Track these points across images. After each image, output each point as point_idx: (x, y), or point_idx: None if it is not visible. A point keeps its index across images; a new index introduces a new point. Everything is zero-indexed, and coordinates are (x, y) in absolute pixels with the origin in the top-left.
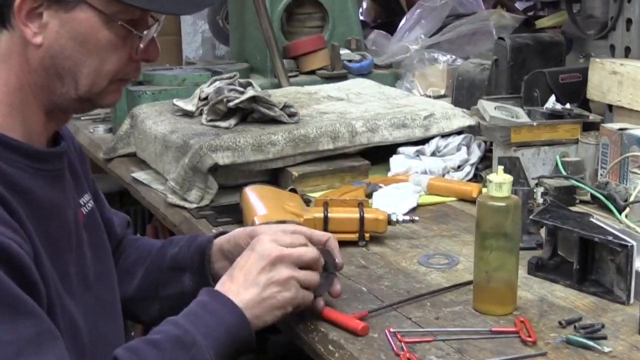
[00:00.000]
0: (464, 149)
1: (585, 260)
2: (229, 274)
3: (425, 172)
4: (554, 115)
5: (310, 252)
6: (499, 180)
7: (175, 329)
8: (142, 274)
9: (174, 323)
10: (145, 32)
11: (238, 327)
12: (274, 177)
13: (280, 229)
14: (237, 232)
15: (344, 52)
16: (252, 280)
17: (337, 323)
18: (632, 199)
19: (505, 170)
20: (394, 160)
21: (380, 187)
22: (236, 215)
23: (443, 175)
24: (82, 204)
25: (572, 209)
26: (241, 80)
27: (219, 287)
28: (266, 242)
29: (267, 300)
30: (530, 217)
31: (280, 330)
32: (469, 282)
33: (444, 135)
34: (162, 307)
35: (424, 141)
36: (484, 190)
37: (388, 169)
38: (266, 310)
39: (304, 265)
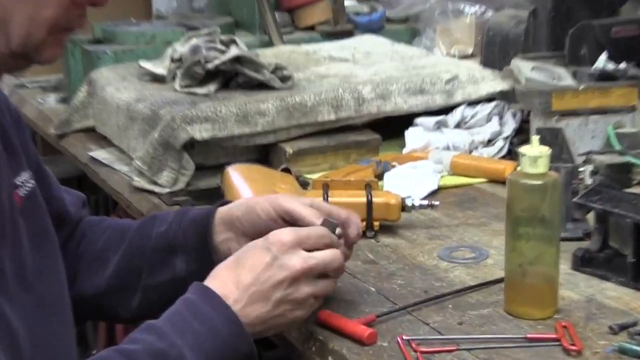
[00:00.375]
0: (495, 119)
1: None
2: (234, 270)
3: (447, 148)
4: (605, 77)
5: (337, 261)
6: (534, 153)
7: (159, 341)
8: (117, 260)
9: (158, 332)
10: None
11: (236, 343)
12: (264, 154)
13: (303, 202)
14: (251, 198)
15: (349, 3)
16: (264, 294)
17: (339, 329)
18: None
19: (545, 144)
20: (410, 133)
21: (394, 166)
22: (217, 201)
23: (470, 152)
24: (19, 184)
25: (627, 190)
26: (223, 38)
27: (217, 284)
28: (289, 247)
29: (275, 319)
30: (575, 199)
31: (274, 343)
32: (500, 280)
33: (471, 103)
34: (146, 298)
35: (447, 110)
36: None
37: (403, 145)
38: (271, 327)
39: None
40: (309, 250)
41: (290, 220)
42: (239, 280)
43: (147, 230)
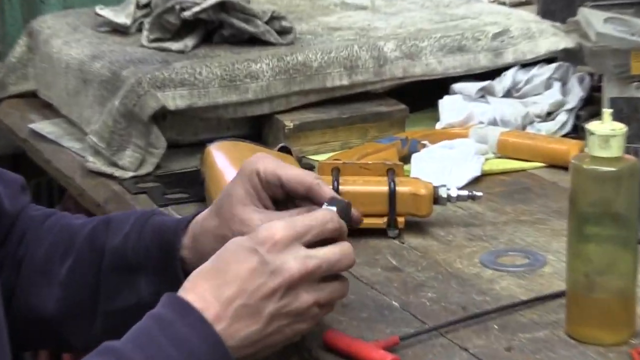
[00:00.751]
0: (556, 85)
1: None
2: (213, 277)
3: (494, 123)
4: None
5: (347, 258)
6: (605, 131)
7: None
8: (64, 275)
9: (119, 356)
10: None
11: None
12: (256, 129)
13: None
14: (226, 187)
15: None
16: (253, 308)
17: (352, 355)
18: None
19: (621, 119)
20: (445, 103)
21: (424, 145)
22: (195, 188)
23: (523, 128)
24: None
25: None
26: None
27: (193, 297)
28: (283, 246)
29: (269, 337)
30: None
31: None
32: (560, 294)
33: (525, 65)
34: (109, 325)
35: (494, 74)
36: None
37: (436, 118)
38: (264, 347)
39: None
40: (311, 245)
41: (285, 194)
42: (220, 291)
43: (99, 242)
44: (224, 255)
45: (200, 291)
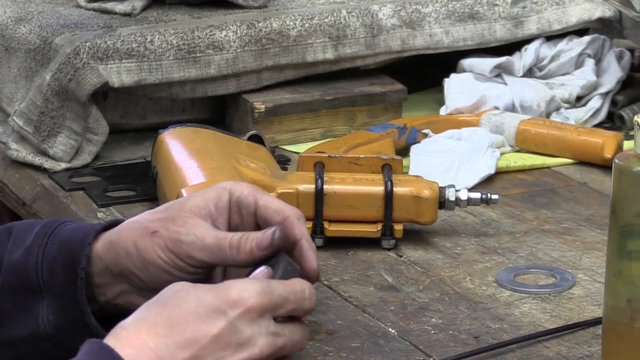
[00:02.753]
0: (589, 63)
1: None
2: (161, 332)
3: (512, 109)
4: None
5: (304, 340)
6: None
7: None
8: None
9: None
10: None
11: None
12: (218, 112)
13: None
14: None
15: None
16: (198, 350)
17: None
18: None
19: None
20: (452, 83)
21: (426, 134)
22: (144, 184)
23: (548, 116)
24: None
25: None
26: None
27: (131, 354)
28: (257, 315)
29: None
30: None
31: None
32: (596, 322)
33: (552, 37)
34: None
35: (512, 48)
36: (627, 144)
37: (440, 101)
38: None
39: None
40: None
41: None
42: (170, 354)
43: None
44: (180, 306)
45: (144, 348)
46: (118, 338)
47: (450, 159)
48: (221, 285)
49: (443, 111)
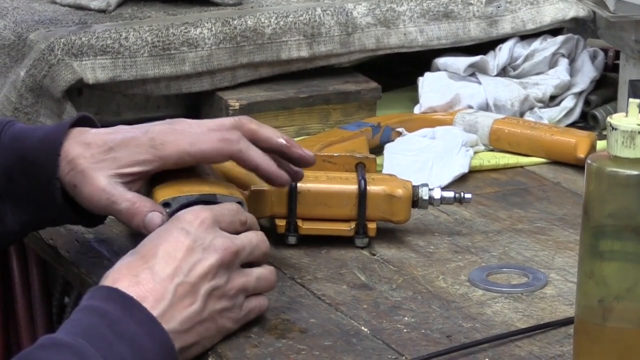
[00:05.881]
0: (563, 63)
1: None
2: (143, 262)
3: (486, 108)
4: None
5: (264, 243)
6: (632, 126)
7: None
8: None
9: (74, 351)
10: None
11: None
12: (194, 109)
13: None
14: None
15: None
16: (191, 286)
17: None
18: None
19: None
20: (426, 82)
21: (400, 133)
22: None
23: (521, 115)
24: None
25: None
26: None
27: (127, 284)
28: (209, 226)
29: (205, 323)
30: None
31: None
32: (567, 321)
33: (526, 37)
34: None
35: (487, 47)
36: (601, 144)
37: (414, 100)
38: (199, 337)
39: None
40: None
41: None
42: (154, 272)
43: None
44: (148, 242)
45: (134, 277)
46: (110, 278)
47: (423, 158)
48: (178, 214)
49: (417, 110)
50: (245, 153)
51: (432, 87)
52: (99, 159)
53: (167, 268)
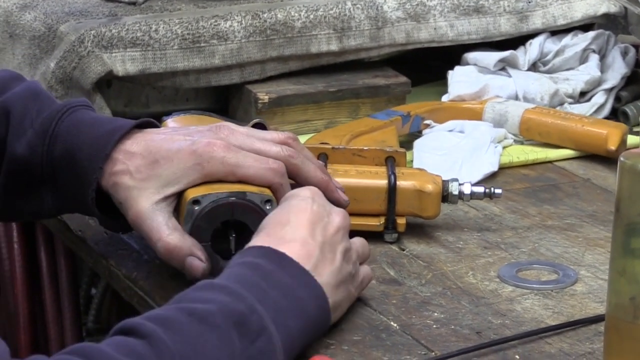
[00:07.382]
0: (593, 59)
1: None
2: (282, 226)
3: (515, 99)
4: None
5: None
6: None
7: (236, 302)
8: None
9: (231, 292)
10: None
11: (321, 323)
12: (223, 101)
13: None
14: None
15: None
16: (330, 244)
17: None
18: None
19: None
20: (456, 74)
21: (428, 125)
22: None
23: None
24: None
25: None
26: None
27: (275, 245)
28: (321, 198)
29: (342, 285)
30: None
31: None
32: (598, 319)
33: (557, 32)
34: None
35: (517, 42)
36: (631, 139)
37: (443, 94)
38: (341, 298)
39: None
40: None
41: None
42: (296, 234)
43: None
44: (273, 217)
45: (278, 239)
46: (259, 240)
47: (453, 158)
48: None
49: (445, 98)
50: (285, 188)
51: (462, 79)
52: (144, 175)
53: (304, 230)
